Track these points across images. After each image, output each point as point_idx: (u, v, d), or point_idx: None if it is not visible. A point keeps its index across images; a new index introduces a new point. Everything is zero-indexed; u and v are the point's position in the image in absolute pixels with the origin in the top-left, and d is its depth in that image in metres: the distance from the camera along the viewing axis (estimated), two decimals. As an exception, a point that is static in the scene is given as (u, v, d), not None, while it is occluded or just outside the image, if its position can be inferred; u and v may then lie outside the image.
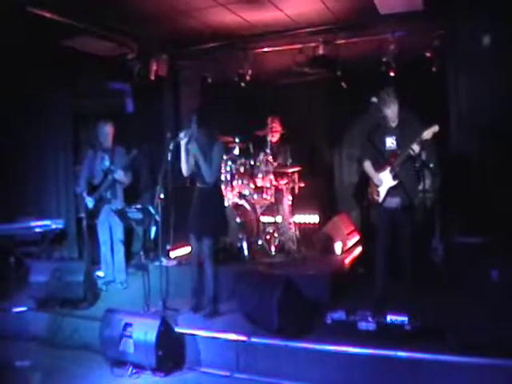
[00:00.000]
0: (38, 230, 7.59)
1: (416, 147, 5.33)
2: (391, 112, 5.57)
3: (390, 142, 5.63)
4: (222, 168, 7.16)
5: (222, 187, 6.88)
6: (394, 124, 5.64)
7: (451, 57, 6.84)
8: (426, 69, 7.06)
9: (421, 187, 5.54)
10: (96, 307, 6.13)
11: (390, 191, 5.57)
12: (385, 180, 5.59)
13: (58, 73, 7.98)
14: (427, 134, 5.28)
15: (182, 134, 5.63)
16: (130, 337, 4.97)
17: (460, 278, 5.51)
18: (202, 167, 5.58)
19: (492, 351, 4.09)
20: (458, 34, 6.61)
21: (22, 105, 8.02)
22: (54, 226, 7.75)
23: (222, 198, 6.07)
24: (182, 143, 5.61)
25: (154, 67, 7.94)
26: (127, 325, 5.04)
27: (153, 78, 7.93)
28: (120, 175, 6.72)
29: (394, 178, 5.52)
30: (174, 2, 6.34)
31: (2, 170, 7.86)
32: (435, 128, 5.28)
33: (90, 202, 6.81)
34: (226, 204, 6.97)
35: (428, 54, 6.98)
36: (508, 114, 6.22)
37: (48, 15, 6.26)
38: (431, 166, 5.47)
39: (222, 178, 7.22)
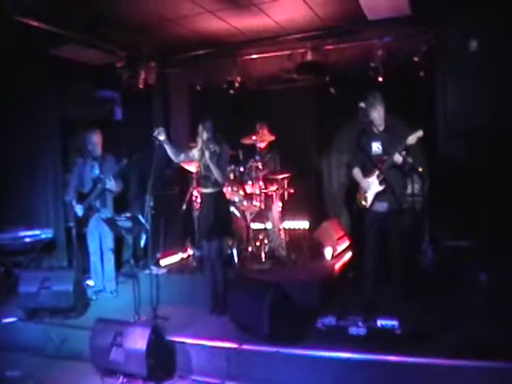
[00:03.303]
0: (27, 239, 7.55)
1: (402, 153, 5.35)
2: (377, 115, 5.60)
3: (376, 147, 5.66)
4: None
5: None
6: (380, 128, 5.67)
7: (439, 61, 6.90)
8: (414, 73, 7.11)
9: (410, 191, 5.55)
10: (86, 316, 6.08)
11: (378, 196, 5.60)
12: (372, 185, 5.61)
13: (46, 81, 7.95)
14: (412, 139, 5.31)
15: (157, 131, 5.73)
16: (121, 346, 4.92)
17: (449, 280, 5.56)
18: (213, 171, 5.75)
19: (482, 354, 4.10)
20: (445, 38, 6.67)
21: (9, 113, 7.97)
22: (43, 236, 7.72)
23: (226, 200, 6.33)
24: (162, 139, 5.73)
25: (143, 75, 7.96)
26: (117, 334, 5.00)
27: (141, 86, 7.95)
28: (110, 184, 6.69)
29: (381, 183, 5.55)
30: (162, 10, 6.35)
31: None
32: (420, 133, 5.31)
33: (79, 210, 6.77)
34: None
35: (416, 59, 7.01)
36: (495, 118, 6.28)
37: (36, 24, 6.25)
38: (420, 169, 5.48)
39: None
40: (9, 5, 5.73)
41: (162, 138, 5.71)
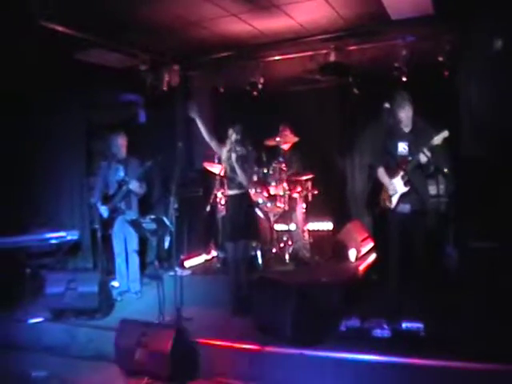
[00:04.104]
0: (53, 241, 7.64)
1: (427, 153, 5.29)
2: (405, 116, 5.54)
3: (402, 148, 5.60)
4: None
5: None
6: (407, 129, 5.62)
7: (463, 61, 6.80)
8: (438, 73, 7.03)
9: (435, 192, 5.50)
10: (111, 317, 6.13)
11: (402, 197, 5.54)
12: (397, 186, 5.56)
13: (71, 85, 8.05)
14: (437, 140, 5.25)
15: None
16: (145, 346, 4.96)
17: (474, 283, 5.47)
18: (238, 174, 5.81)
19: (508, 358, 4.03)
20: (469, 37, 6.58)
21: (36, 117, 8.09)
22: (68, 237, 7.80)
23: (251, 202, 6.35)
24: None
25: (166, 78, 8.00)
26: (142, 334, 5.03)
27: (165, 88, 7.98)
28: (134, 186, 6.74)
29: (406, 184, 5.49)
30: (185, 13, 6.37)
31: (17, 182, 7.93)
32: (445, 133, 5.24)
33: (104, 211, 6.84)
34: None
35: (440, 59, 6.93)
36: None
37: (61, 29, 6.33)
38: (445, 170, 5.42)
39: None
40: (35, 10, 5.81)
41: (193, 115, 5.87)
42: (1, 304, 6.53)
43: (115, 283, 7.07)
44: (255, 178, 7.43)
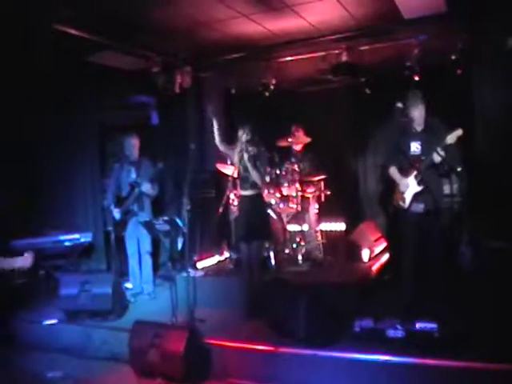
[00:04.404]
0: (66, 243, 7.69)
1: (440, 152, 5.25)
2: (418, 114, 5.51)
3: (415, 147, 5.57)
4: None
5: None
6: (419, 128, 5.59)
7: (476, 59, 6.75)
8: (451, 72, 6.97)
9: (448, 191, 5.45)
10: (124, 318, 6.17)
11: (416, 197, 5.51)
12: (410, 185, 5.52)
13: (84, 87, 8.11)
14: (451, 138, 5.21)
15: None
16: (158, 347, 4.98)
17: (489, 282, 5.42)
18: (252, 173, 5.85)
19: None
20: (482, 36, 6.53)
21: (49, 119, 8.15)
22: (82, 239, 7.85)
23: (264, 203, 6.43)
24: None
25: (179, 80, 8.01)
26: (155, 335, 5.06)
27: (177, 90, 8.00)
28: (147, 187, 6.77)
29: (419, 183, 5.45)
30: (197, 15, 6.39)
31: (31, 184, 7.99)
32: (459, 132, 5.20)
33: (117, 214, 6.87)
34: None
35: (453, 57, 6.86)
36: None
37: (74, 32, 6.38)
38: (458, 169, 5.38)
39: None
40: (48, 13, 5.85)
41: (212, 116, 6.02)
42: (16, 305, 6.58)
43: (128, 285, 7.10)
44: (268, 179, 7.41)
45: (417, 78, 7.09)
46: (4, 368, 5.64)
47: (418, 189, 5.48)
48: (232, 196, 7.47)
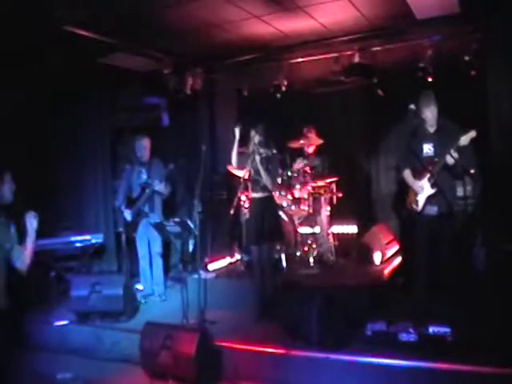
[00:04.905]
0: (78, 244, 7.70)
1: (454, 154, 5.19)
2: (431, 115, 5.46)
3: (428, 149, 5.53)
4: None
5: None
6: (432, 129, 5.54)
7: (490, 60, 6.67)
8: (465, 73, 6.91)
9: (462, 194, 5.40)
10: (135, 320, 6.17)
11: (429, 199, 5.46)
12: (424, 188, 5.47)
13: (96, 89, 8.13)
14: (464, 140, 5.16)
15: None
16: (170, 349, 4.96)
17: (503, 285, 5.34)
18: (263, 176, 5.82)
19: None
20: (496, 36, 6.46)
21: (61, 121, 8.17)
22: (93, 241, 7.85)
23: (276, 205, 6.39)
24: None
25: (190, 81, 8.00)
26: (167, 337, 5.04)
27: (188, 91, 7.99)
28: (159, 186, 6.76)
29: (433, 186, 5.41)
30: (208, 16, 6.37)
31: (42, 185, 8.01)
32: (473, 133, 5.15)
33: (128, 215, 6.87)
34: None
35: (466, 58, 6.81)
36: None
37: (85, 34, 6.39)
38: (472, 171, 5.33)
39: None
40: (60, 16, 5.86)
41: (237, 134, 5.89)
42: (27, 306, 6.58)
43: (139, 286, 7.10)
44: (279, 181, 7.39)
45: (430, 80, 7.03)
46: (14, 369, 5.64)
47: (432, 191, 5.43)
48: (243, 198, 7.44)
